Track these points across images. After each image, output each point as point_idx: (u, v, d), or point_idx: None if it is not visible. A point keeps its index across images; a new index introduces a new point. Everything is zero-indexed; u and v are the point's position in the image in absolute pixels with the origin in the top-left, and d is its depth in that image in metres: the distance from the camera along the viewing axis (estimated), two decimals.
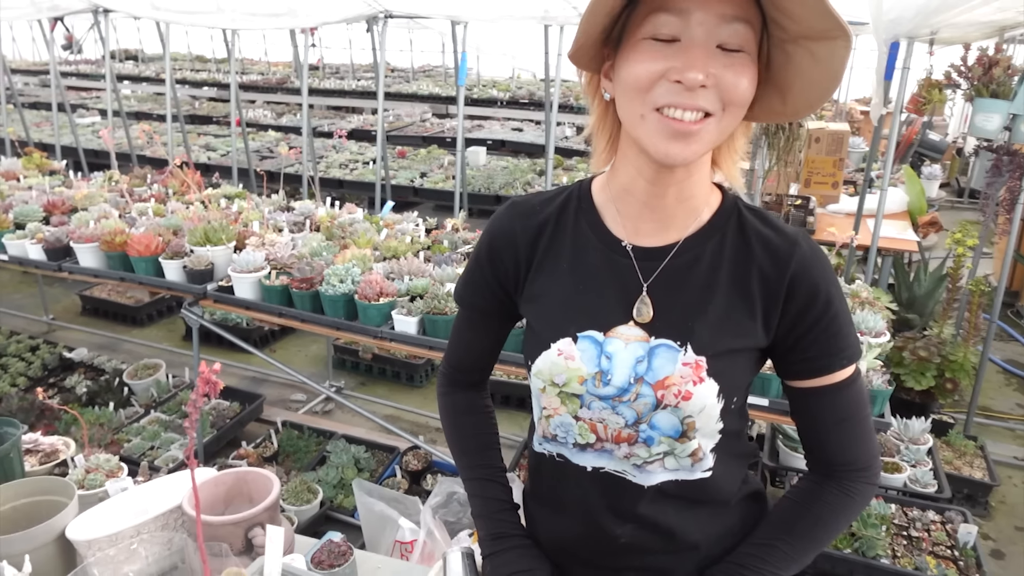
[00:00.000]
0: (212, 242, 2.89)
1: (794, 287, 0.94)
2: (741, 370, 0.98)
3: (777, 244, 0.96)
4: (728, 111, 0.86)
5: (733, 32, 0.82)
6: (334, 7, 4.85)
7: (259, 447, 3.36)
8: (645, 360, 0.95)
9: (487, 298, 1.12)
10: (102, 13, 5.74)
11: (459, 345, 1.21)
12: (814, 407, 1.01)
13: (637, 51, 0.86)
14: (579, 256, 1.02)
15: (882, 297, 2.80)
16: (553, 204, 1.06)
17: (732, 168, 0.98)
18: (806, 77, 0.86)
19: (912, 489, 2.80)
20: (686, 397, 0.93)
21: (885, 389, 1.95)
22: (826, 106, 9.43)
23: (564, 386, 0.98)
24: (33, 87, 12.01)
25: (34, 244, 3.13)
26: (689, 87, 0.82)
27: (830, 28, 0.79)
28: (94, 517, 1.35)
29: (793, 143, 3.79)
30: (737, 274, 0.96)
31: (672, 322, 0.96)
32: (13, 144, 6.03)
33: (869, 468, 1.02)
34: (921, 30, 3.14)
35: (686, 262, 0.97)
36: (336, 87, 10.80)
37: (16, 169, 4.30)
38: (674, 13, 0.82)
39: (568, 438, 1.01)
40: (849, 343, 0.97)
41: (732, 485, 1.06)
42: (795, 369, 0.99)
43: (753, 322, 0.96)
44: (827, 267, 0.97)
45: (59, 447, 1.73)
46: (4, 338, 4.48)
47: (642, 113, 0.86)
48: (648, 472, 0.99)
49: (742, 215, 0.99)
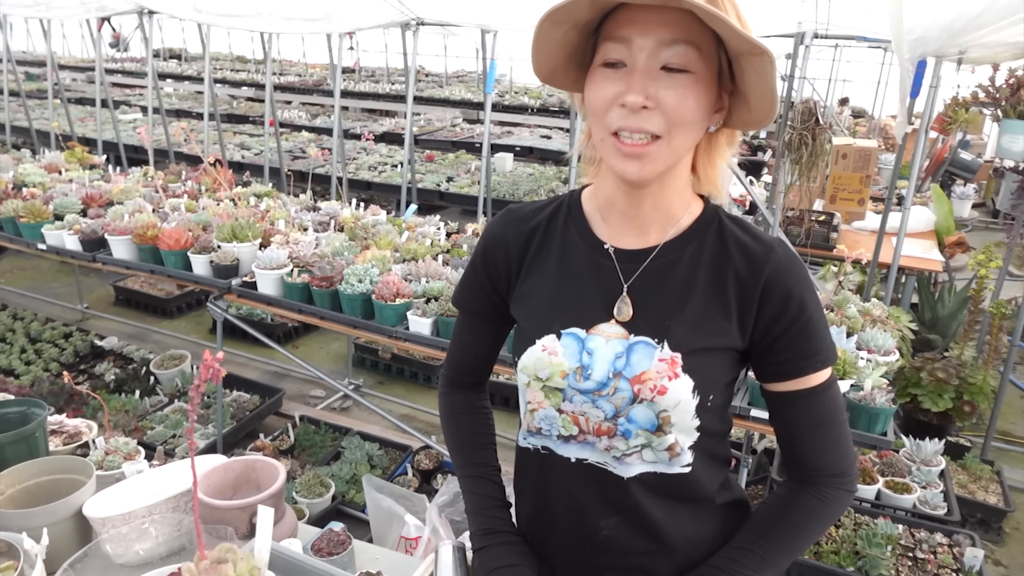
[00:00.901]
0: (239, 238, 2.98)
1: (768, 291, 0.99)
2: (717, 368, 1.01)
3: (754, 249, 1.01)
4: (675, 131, 0.91)
5: (675, 54, 0.88)
6: (368, 13, 4.95)
7: (276, 440, 3.45)
8: (624, 356, 1.00)
9: (482, 301, 1.18)
10: (147, 14, 5.93)
11: (458, 347, 1.27)
12: (790, 411, 1.04)
13: (593, 78, 0.93)
14: (565, 258, 1.08)
15: (902, 316, 2.79)
16: (545, 211, 1.12)
17: (712, 176, 1.03)
18: (756, 88, 0.91)
19: (921, 511, 2.78)
20: (661, 392, 0.97)
21: (889, 408, 1.96)
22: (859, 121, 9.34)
23: (547, 380, 1.03)
24: (80, 83, 12.35)
25: (71, 235, 3.25)
26: (632, 109, 0.89)
27: (751, 47, 0.85)
28: (110, 496, 1.42)
29: (817, 159, 3.77)
30: (714, 277, 1.01)
31: (650, 320, 1.01)
32: (58, 138, 6.24)
33: (845, 474, 1.05)
34: (948, 49, 3.12)
35: (666, 264, 1.03)
36: (370, 90, 10.94)
37: (59, 162, 4.45)
38: (618, 41, 0.89)
39: (552, 430, 1.06)
40: (823, 347, 1.01)
41: (712, 484, 1.09)
42: (770, 372, 1.03)
43: (728, 323, 1.00)
44: (802, 273, 1.01)
45: (82, 429, 1.82)
46: (40, 324, 4.64)
47: (601, 137, 0.94)
48: (627, 464, 1.04)
49: (722, 223, 1.05)
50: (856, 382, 2.08)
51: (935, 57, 3.12)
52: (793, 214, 4.23)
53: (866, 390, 2.03)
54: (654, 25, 0.88)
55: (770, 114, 0.93)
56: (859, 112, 9.96)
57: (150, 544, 1.32)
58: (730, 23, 0.82)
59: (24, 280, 5.81)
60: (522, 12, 4.49)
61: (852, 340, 2.29)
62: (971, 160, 6.20)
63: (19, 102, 8.18)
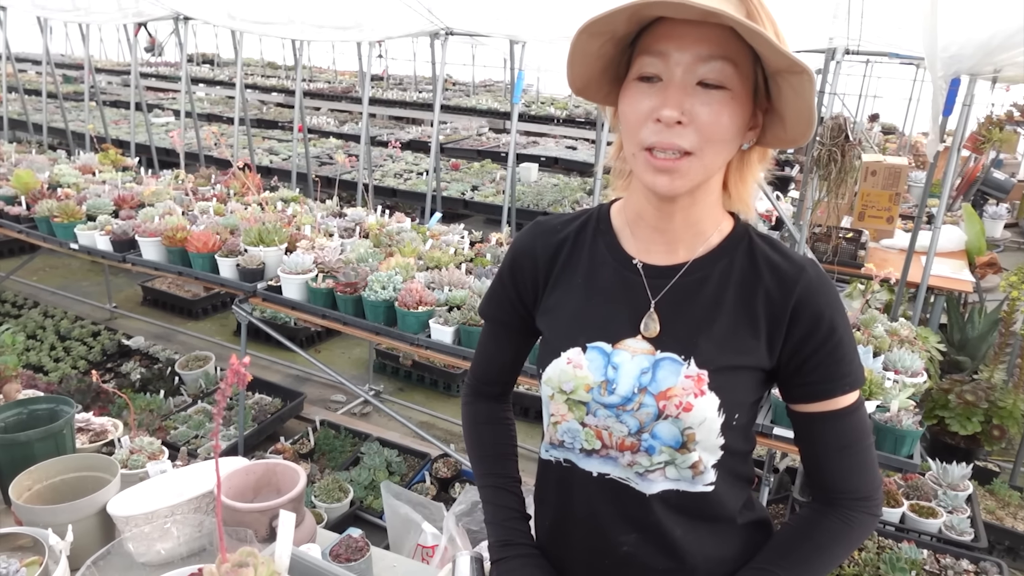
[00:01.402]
0: (265, 243, 3.02)
1: (798, 311, 0.98)
2: (743, 387, 1.00)
3: (784, 269, 1.00)
4: (708, 147, 0.90)
5: (712, 70, 0.87)
6: (398, 23, 5.00)
7: (296, 443, 3.47)
8: (650, 371, 0.99)
9: (508, 312, 1.18)
10: (182, 20, 6.04)
11: (483, 357, 1.27)
12: (816, 433, 1.03)
13: (628, 92, 0.93)
14: (593, 272, 1.07)
15: (930, 337, 2.75)
16: (573, 224, 1.12)
17: (743, 194, 1.03)
18: (792, 107, 0.90)
19: (947, 536, 2.72)
20: (687, 408, 0.97)
21: (916, 430, 1.92)
22: (889, 138, 9.24)
23: (571, 393, 1.03)
24: (115, 86, 12.62)
25: (103, 235, 3.32)
26: (666, 124, 0.88)
27: (791, 65, 0.84)
28: (133, 495, 1.44)
29: (846, 175, 3.73)
30: (743, 295, 1.00)
31: (677, 337, 1.00)
32: (92, 140, 6.37)
33: (870, 498, 1.03)
34: (983, 68, 3.07)
35: (694, 281, 1.02)
36: (398, 98, 11.05)
37: (93, 164, 4.55)
38: (655, 55, 0.89)
39: (575, 444, 1.06)
40: (851, 369, 1.00)
41: (734, 504, 1.08)
42: (798, 393, 1.02)
43: (757, 342, 0.99)
44: (832, 294, 1.00)
45: (108, 428, 1.84)
46: (69, 322, 4.73)
47: (633, 152, 0.93)
48: (650, 480, 1.03)
49: (752, 241, 1.03)
50: (882, 403, 2.05)
51: (969, 75, 3.08)
52: (820, 231, 4.18)
53: (892, 411, 2.00)
54: (692, 40, 0.87)
55: (806, 133, 0.92)
56: (889, 129, 9.85)
57: (171, 544, 1.33)
58: (770, 40, 0.82)
59: (55, 278, 5.93)
60: (551, 24, 4.51)
61: (879, 360, 2.26)
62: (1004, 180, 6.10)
63: (56, 104, 8.37)
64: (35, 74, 12.05)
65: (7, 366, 1.93)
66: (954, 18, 2.81)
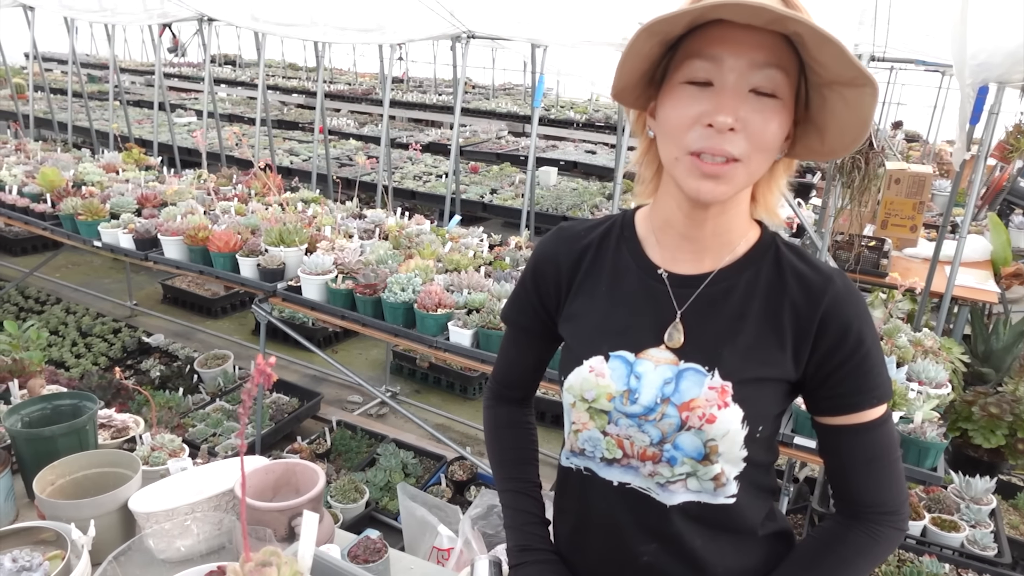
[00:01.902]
0: (286, 243, 3.03)
1: (826, 323, 0.96)
2: (768, 399, 0.99)
3: (812, 279, 0.98)
4: (756, 155, 0.89)
5: (765, 77, 0.86)
6: (420, 25, 5.02)
7: (313, 443, 3.48)
8: (673, 382, 0.98)
9: (531, 318, 1.17)
10: (206, 21, 6.11)
11: (505, 362, 1.27)
12: (843, 445, 1.01)
13: (674, 95, 0.90)
14: (617, 280, 1.06)
15: (954, 348, 2.71)
16: (597, 231, 1.11)
17: (771, 202, 1.02)
18: (840, 119, 0.89)
19: (970, 550, 2.68)
20: (710, 420, 0.95)
21: (940, 442, 1.89)
22: (913, 146, 9.13)
23: (593, 402, 1.02)
24: (139, 86, 12.77)
25: (126, 234, 3.35)
26: (719, 130, 0.86)
27: (856, 76, 0.82)
28: (154, 492, 1.45)
29: (869, 183, 3.69)
30: (769, 306, 0.99)
31: (702, 347, 0.99)
32: (116, 139, 6.45)
33: (897, 512, 1.01)
34: (1012, 76, 3.03)
35: (720, 291, 1.01)
36: (418, 100, 11.10)
37: (116, 163, 4.60)
38: (707, 59, 0.87)
39: (596, 452, 1.05)
40: (880, 382, 0.98)
41: (756, 516, 1.07)
42: (824, 405, 1.01)
43: (783, 354, 0.98)
44: (861, 305, 0.98)
45: (130, 424, 1.86)
46: (91, 319, 4.78)
47: (676, 156, 0.91)
48: (671, 491, 1.01)
49: (779, 250, 1.02)
50: (906, 414, 2.02)
51: (998, 83, 3.04)
52: (842, 238, 4.14)
53: (916, 423, 1.97)
54: (747, 46, 0.85)
55: (849, 147, 0.91)
56: (913, 136, 9.74)
57: (191, 541, 1.34)
58: (842, 49, 0.80)
59: (78, 275, 6.00)
60: (573, 28, 4.51)
61: (902, 371, 2.23)
62: None
63: (81, 103, 8.49)
64: (61, 73, 12.24)
65: (32, 362, 1.95)
66: (983, 26, 2.77)
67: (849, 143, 0.90)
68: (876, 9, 3.25)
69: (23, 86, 9.06)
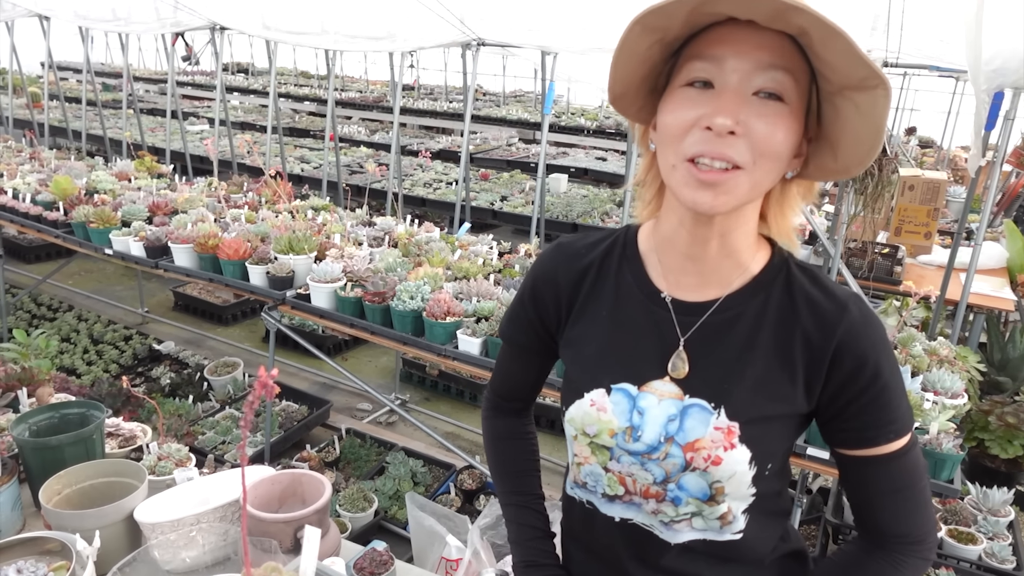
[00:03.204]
0: (295, 251, 3.03)
1: (840, 355, 0.90)
2: (777, 437, 0.94)
3: (825, 307, 0.92)
4: (760, 163, 0.82)
5: (770, 79, 0.80)
6: (431, 33, 5.03)
7: (322, 451, 3.47)
8: (677, 419, 0.93)
9: (529, 336, 1.13)
10: (218, 30, 6.15)
11: (503, 375, 1.23)
12: (864, 476, 0.96)
13: (673, 99, 0.85)
14: (619, 305, 1.01)
15: (969, 357, 2.66)
16: (598, 249, 1.05)
17: (783, 224, 0.95)
18: (852, 130, 0.83)
19: (987, 563, 2.63)
20: (716, 462, 0.91)
21: (956, 454, 1.86)
22: (926, 152, 9.06)
23: (595, 437, 0.98)
24: (152, 94, 12.88)
25: (137, 241, 3.36)
26: (718, 133, 0.80)
27: (867, 76, 0.77)
28: (160, 502, 1.44)
29: (883, 190, 3.65)
30: (779, 337, 0.93)
31: (707, 381, 0.94)
32: (129, 147, 6.50)
33: (923, 542, 0.96)
34: None
35: (727, 319, 0.95)
36: (429, 108, 11.12)
37: (129, 170, 4.63)
38: (708, 60, 0.82)
39: (597, 488, 1.01)
40: (898, 416, 0.92)
41: (766, 544, 1.03)
42: (839, 438, 0.96)
43: (793, 388, 0.92)
44: (879, 334, 0.92)
45: (137, 433, 1.86)
46: (102, 326, 4.81)
47: (674, 163, 0.85)
48: (675, 530, 0.98)
49: (791, 273, 0.96)
50: (921, 425, 1.99)
51: (1013, 89, 3.00)
52: (855, 245, 4.10)
53: (932, 434, 1.93)
54: (751, 47, 0.80)
55: (864, 161, 0.84)
56: (927, 142, 9.66)
57: (196, 552, 1.33)
58: (851, 43, 0.74)
59: (90, 282, 6.04)
60: (583, 35, 4.50)
61: (917, 380, 2.19)
62: None
63: (95, 111, 8.56)
64: (75, 82, 12.35)
65: (40, 370, 1.95)
66: (999, 31, 2.74)
67: (864, 156, 0.84)
68: (889, 14, 3.23)
69: (39, 95, 9.15)
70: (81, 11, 6.75)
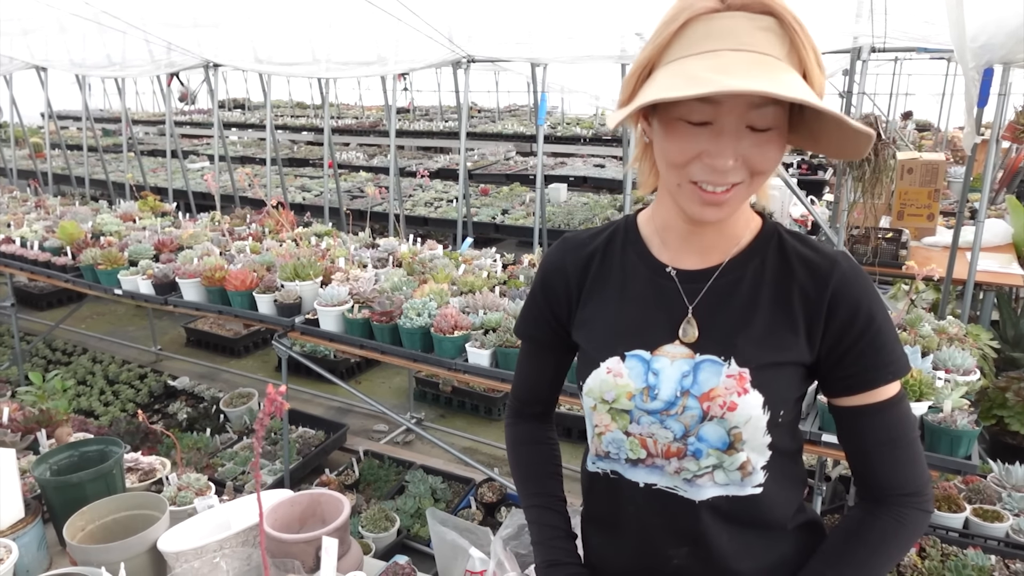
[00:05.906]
0: (300, 277, 3.06)
1: (835, 304, 0.98)
2: (786, 383, 1.00)
3: (817, 263, 1.00)
4: (758, 178, 0.93)
5: (762, 115, 0.87)
6: (421, 54, 5.09)
7: (341, 475, 3.48)
8: (691, 374, 0.99)
9: (543, 330, 1.18)
10: (212, 68, 6.23)
11: (522, 378, 1.28)
12: (862, 427, 1.01)
13: (673, 131, 0.91)
14: (626, 282, 1.08)
15: (982, 335, 2.66)
16: (601, 237, 1.13)
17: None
18: (834, 139, 0.90)
19: (1015, 540, 2.60)
20: (731, 408, 0.96)
21: (972, 430, 1.85)
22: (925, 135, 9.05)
23: (614, 402, 1.02)
24: (152, 136, 13.03)
25: (145, 280, 3.40)
26: (720, 171, 0.89)
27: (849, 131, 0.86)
28: (183, 531, 1.45)
29: (880, 175, 3.66)
30: (779, 292, 1.00)
31: (716, 339, 1.00)
32: (132, 189, 6.57)
33: (920, 493, 1.01)
34: (1016, 55, 2.99)
35: (728, 283, 1.02)
36: (424, 128, 11.20)
37: (133, 211, 4.69)
38: (705, 101, 0.87)
39: (620, 454, 1.05)
40: (895, 357, 0.98)
41: (786, 508, 1.06)
42: (840, 386, 1.01)
43: (796, 337, 0.99)
44: (867, 284, 0.99)
45: (156, 466, 1.88)
46: (117, 367, 4.85)
47: (679, 183, 0.93)
48: (698, 486, 1.02)
49: (782, 238, 1.04)
50: (934, 403, 1.98)
51: (1002, 64, 3.01)
52: (858, 232, 4.10)
53: (946, 412, 1.93)
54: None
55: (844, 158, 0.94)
56: (924, 125, 9.65)
57: None
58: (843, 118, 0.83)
59: (103, 325, 6.09)
60: (571, 44, 4.54)
61: (928, 360, 2.19)
62: None
63: (97, 157, 8.68)
64: (76, 130, 12.52)
65: (58, 411, 1.98)
66: (981, 6, 2.75)
67: (844, 157, 0.94)
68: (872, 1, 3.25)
69: (40, 144, 9.29)
70: (77, 59, 6.86)
